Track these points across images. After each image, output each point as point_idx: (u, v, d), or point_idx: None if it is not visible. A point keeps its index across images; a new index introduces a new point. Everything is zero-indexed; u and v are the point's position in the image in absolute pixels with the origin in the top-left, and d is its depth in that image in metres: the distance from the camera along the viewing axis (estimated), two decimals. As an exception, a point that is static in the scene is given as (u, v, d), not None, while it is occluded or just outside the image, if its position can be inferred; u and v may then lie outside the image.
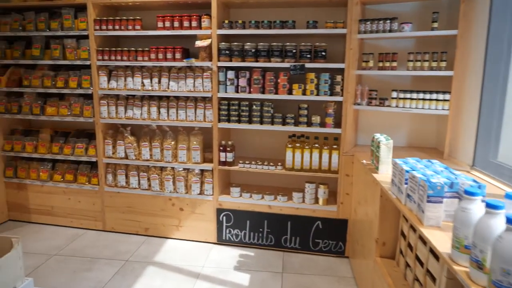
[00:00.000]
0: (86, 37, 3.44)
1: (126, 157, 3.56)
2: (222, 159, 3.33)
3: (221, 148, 3.32)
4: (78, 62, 3.48)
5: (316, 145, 3.18)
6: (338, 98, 3.07)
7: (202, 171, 3.44)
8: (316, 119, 3.14)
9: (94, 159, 3.61)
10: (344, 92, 3.04)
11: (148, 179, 3.54)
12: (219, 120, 3.30)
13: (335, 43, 3.26)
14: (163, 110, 3.41)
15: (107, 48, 3.42)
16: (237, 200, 3.36)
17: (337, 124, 3.18)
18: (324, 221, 3.24)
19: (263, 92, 3.20)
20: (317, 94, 3.11)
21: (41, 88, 3.60)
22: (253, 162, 3.30)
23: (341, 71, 3.07)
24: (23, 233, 3.68)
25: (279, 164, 3.27)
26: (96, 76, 3.47)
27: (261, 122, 3.24)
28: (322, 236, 3.26)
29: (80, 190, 3.71)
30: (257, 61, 3.16)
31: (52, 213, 3.84)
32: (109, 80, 3.49)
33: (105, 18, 3.38)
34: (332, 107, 3.11)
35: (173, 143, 3.44)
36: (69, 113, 3.62)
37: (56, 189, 3.77)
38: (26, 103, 3.70)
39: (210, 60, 3.25)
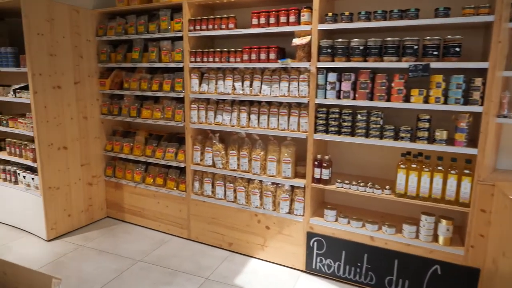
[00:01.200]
0: (180, 38, 3.32)
1: (214, 165, 3.34)
2: (317, 175, 2.85)
3: (316, 163, 2.84)
4: (172, 65, 3.38)
5: (440, 168, 2.47)
6: (475, 108, 2.32)
7: (292, 187, 3.02)
8: (441, 134, 2.44)
9: (182, 165, 3.49)
10: (485, 100, 2.28)
11: (234, 191, 3.26)
12: (315, 131, 2.83)
13: (471, 35, 2.51)
14: (253, 117, 3.09)
15: (200, 50, 3.24)
16: (332, 225, 2.85)
17: (471, 142, 2.43)
18: (444, 266, 2.51)
19: (371, 99, 2.63)
20: (445, 102, 2.40)
21: (138, 91, 3.62)
22: (354, 183, 2.74)
23: (481, 72, 2.32)
24: (117, 231, 3.76)
25: (387, 187, 2.65)
26: (188, 79, 3.32)
27: (367, 135, 2.66)
28: (440, 285, 2.54)
29: (168, 195, 3.64)
30: (365, 60, 2.60)
31: (143, 214, 3.86)
32: (200, 83, 3.31)
33: (199, 18, 3.20)
34: (465, 120, 2.37)
35: (262, 153, 3.09)
36: (162, 116, 3.56)
37: (147, 192, 3.77)
38: (125, 105, 3.78)
39: (308, 61, 2.80)
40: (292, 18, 2.83)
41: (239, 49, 3.08)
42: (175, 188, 3.60)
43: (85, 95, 3.76)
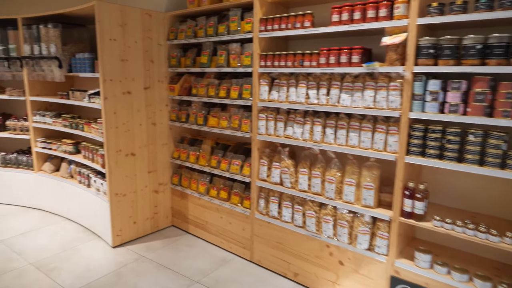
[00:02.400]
0: (250, 40, 2.99)
1: (281, 183, 2.95)
2: (407, 208, 2.27)
3: (407, 192, 2.26)
4: (240, 70, 3.07)
5: None
6: None
7: (374, 219, 2.48)
8: None
9: (247, 180, 3.16)
10: None
11: (303, 215, 2.82)
12: (408, 152, 2.25)
13: None
14: (329, 131, 2.61)
15: (270, 53, 2.87)
16: (425, 272, 2.24)
17: None
18: None
19: (490, 115, 1.97)
20: None
21: (206, 97, 3.39)
22: (458, 223, 2.10)
23: None
24: (179, 243, 3.60)
25: (509, 234, 1.97)
26: (257, 85, 2.98)
27: (482, 163, 2.01)
28: None
29: (231, 211, 3.35)
30: (484, 63, 1.95)
31: (206, 228, 3.64)
32: (270, 90, 2.94)
33: (271, 16, 2.83)
34: None
35: (338, 174, 2.60)
36: (228, 125, 3.28)
37: (210, 205, 3.53)
38: (193, 112, 3.59)
39: (402, 64, 2.24)
40: (382, 12, 2.29)
41: (315, 51, 2.63)
42: (239, 204, 3.29)
43: (155, 101, 3.66)
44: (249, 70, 3.01)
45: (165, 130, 3.81)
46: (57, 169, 4.30)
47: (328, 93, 2.61)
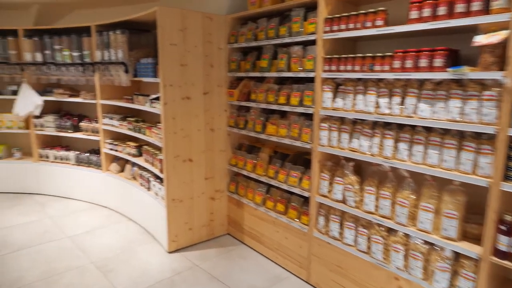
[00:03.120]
0: (313, 42, 2.73)
1: (344, 201, 2.64)
2: (502, 246, 1.84)
3: (503, 227, 1.83)
4: (302, 74, 2.83)
5: None
6: None
7: (457, 254, 2.07)
8: None
9: (306, 194, 2.91)
10: None
11: (369, 239, 2.49)
12: (506, 178, 1.82)
13: None
14: (402, 146, 2.26)
15: (335, 56, 2.59)
16: (525, 329, 1.79)
17: None
18: None
19: None
20: None
21: (264, 104, 3.21)
22: None
23: None
24: (234, 254, 3.47)
25: None
26: (320, 91, 2.71)
27: None
28: None
29: (288, 226, 3.12)
30: None
31: (261, 241, 3.46)
32: (334, 97, 2.66)
33: (337, 15, 2.54)
34: None
35: (412, 197, 2.23)
36: (287, 134, 3.06)
37: (266, 217, 3.34)
38: (251, 118, 3.43)
39: (501, 69, 1.81)
40: (475, 5, 1.89)
41: (388, 54, 2.29)
42: (296, 219, 3.05)
43: (213, 106, 3.58)
44: (312, 75, 2.75)
45: (223, 136, 3.71)
46: (122, 170, 4.47)
47: (402, 102, 2.25)
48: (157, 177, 3.70)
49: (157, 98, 3.50)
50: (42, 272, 3.14)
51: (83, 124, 4.69)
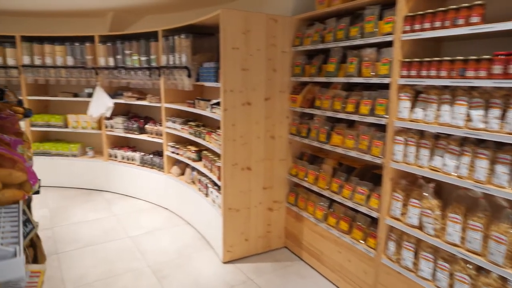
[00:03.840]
0: (389, 44, 2.41)
1: (420, 228, 2.28)
2: None
3: None
4: (374, 80, 2.52)
5: None
6: None
7: None
8: None
9: (374, 214, 2.59)
10: None
11: (451, 276, 2.10)
12: None
13: None
14: (501, 169, 1.85)
15: (417, 59, 2.24)
16: None
17: None
18: None
19: None
20: None
21: (330, 111, 2.94)
22: None
23: None
24: (290, 270, 3.25)
25: None
26: (395, 99, 2.38)
27: None
28: None
29: (352, 248, 2.82)
30: None
31: (320, 259, 3.20)
32: (412, 107, 2.31)
33: (420, 12, 2.19)
34: None
35: (512, 232, 1.82)
36: (355, 146, 2.76)
37: (328, 234, 3.07)
38: (315, 127, 3.19)
39: None
40: None
41: (486, 57, 1.90)
42: (362, 241, 2.74)
43: (275, 113, 3.40)
44: (386, 80, 2.43)
45: (284, 144, 3.51)
46: (183, 173, 4.49)
47: (503, 116, 1.85)
48: (215, 184, 3.62)
49: (218, 104, 3.42)
50: (102, 271, 3.22)
51: (148, 126, 4.82)
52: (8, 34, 5.03)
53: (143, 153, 4.97)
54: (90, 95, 5.15)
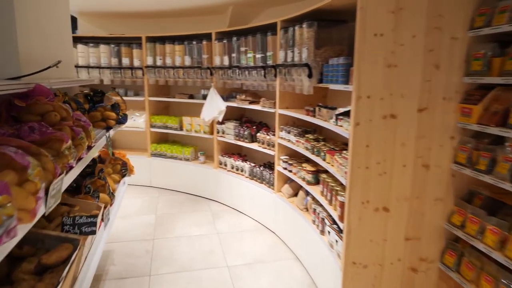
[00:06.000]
0: None
1: None
2: None
3: None
4: None
5: None
6: None
7: None
8: None
9: None
10: None
11: None
12: None
13: None
14: None
15: None
16: None
17: None
18: None
19: None
20: None
21: (546, 136, 1.70)
22: None
23: None
24: None
25: None
26: None
27: None
28: None
29: None
30: None
31: None
32: None
33: None
34: None
35: None
36: None
37: None
38: (504, 158, 1.96)
39: None
40: None
41: None
42: None
43: (433, 131, 2.28)
44: None
45: (444, 177, 2.35)
46: (295, 195, 3.69)
47: None
48: (334, 221, 2.69)
49: (347, 114, 2.49)
50: (189, 314, 2.65)
51: (259, 135, 4.17)
52: (136, 35, 5.06)
53: (253, 164, 4.37)
54: (205, 97, 4.81)
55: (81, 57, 5.19)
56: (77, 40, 5.18)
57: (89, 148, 1.84)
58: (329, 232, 2.65)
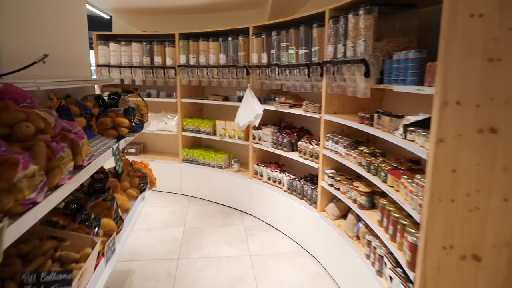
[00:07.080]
0: None
1: None
2: None
3: None
4: None
5: None
6: None
7: None
8: None
9: None
10: None
11: None
12: None
13: None
14: None
15: None
16: None
17: None
18: None
19: None
20: None
21: None
22: None
23: None
24: None
25: None
26: None
27: None
28: None
29: None
30: None
31: None
32: None
33: None
34: None
35: None
36: None
37: None
38: None
39: None
40: None
41: None
42: None
43: (550, 151, 1.61)
44: None
45: None
46: (343, 217, 3.10)
47: None
48: (398, 264, 2.08)
49: (421, 124, 1.87)
50: None
51: (301, 143, 3.60)
52: (168, 32, 4.70)
53: (292, 177, 3.82)
54: (240, 98, 4.33)
55: (113, 56, 4.93)
56: (110, 38, 4.94)
57: (80, 167, 1.40)
58: (390, 277, 2.05)
